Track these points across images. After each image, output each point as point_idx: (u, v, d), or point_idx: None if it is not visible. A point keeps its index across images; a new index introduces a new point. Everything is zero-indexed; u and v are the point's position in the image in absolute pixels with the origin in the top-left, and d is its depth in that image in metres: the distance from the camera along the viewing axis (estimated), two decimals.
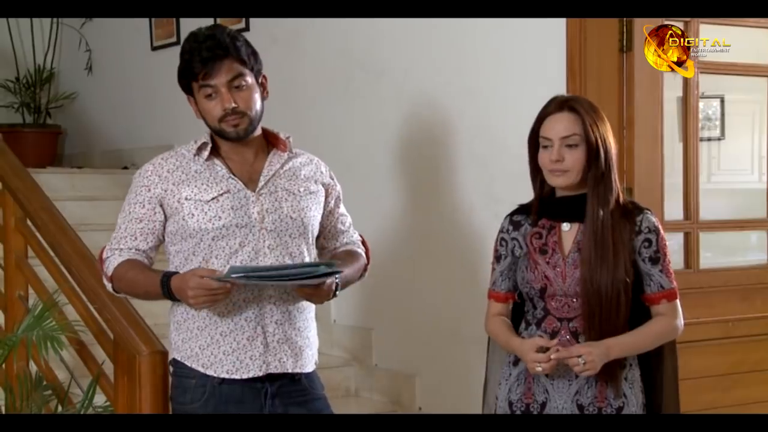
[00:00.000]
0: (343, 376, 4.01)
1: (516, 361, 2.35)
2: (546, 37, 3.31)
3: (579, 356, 2.17)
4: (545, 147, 2.29)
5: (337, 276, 2.27)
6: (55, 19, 5.65)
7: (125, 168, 5.18)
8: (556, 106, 2.31)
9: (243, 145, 2.37)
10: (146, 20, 5.19)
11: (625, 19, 3.21)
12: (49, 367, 3.14)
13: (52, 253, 3.17)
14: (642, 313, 2.32)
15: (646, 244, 2.30)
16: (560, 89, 3.26)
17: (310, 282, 2.21)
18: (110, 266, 2.36)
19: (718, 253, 3.83)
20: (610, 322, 2.23)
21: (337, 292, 2.30)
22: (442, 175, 3.70)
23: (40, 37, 5.68)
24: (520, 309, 2.41)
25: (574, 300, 2.28)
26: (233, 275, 2.14)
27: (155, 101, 5.13)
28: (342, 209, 2.55)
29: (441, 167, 3.70)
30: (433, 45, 3.76)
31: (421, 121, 3.83)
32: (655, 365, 2.37)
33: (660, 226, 2.34)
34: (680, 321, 2.35)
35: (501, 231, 2.42)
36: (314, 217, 2.41)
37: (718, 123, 4.44)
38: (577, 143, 2.25)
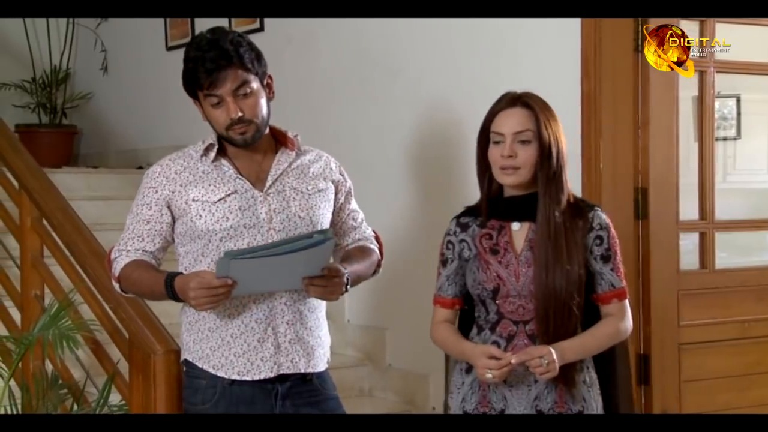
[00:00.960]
0: (356, 375, 4.01)
1: (469, 369, 2.26)
2: (561, 37, 3.31)
3: (540, 357, 2.10)
4: (497, 143, 2.21)
5: (347, 275, 2.24)
6: (70, 20, 5.68)
7: (140, 168, 5.19)
8: (508, 101, 2.24)
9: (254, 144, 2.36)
10: (161, 20, 5.21)
11: (639, 19, 3.19)
12: (64, 366, 3.16)
13: (67, 253, 3.18)
14: (592, 314, 2.26)
15: (598, 241, 2.24)
16: (575, 89, 3.25)
17: (304, 248, 2.11)
18: (117, 267, 2.36)
19: (733, 253, 3.82)
20: (564, 325, 2.17)
21: (348, 287, 2.29)
22: (456, 175, 3.69)
23: (56, 37, 5.70)
24: (468, 316, 2.34)
25: (529, 302, 2.21)
26: (231, 259, 2.08)
27: (170, 101, 5.14)
28: (353, 205, 2.53)
29: (455, 167, 3.69)
30: (448, 45, 3.76)
31: (435, 121, 3.82)
32: (611, 367, 2.31)
33: (611, 224, 2.28)
34: (629, 322, 2.28)
35: (447, 234, 2.34)
36: (323, 215, 2.40)
37: (734, 122, 4.42)
38: (529, 139, 2.19)
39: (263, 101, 2.32)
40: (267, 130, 2.38)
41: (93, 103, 5.87)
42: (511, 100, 2.24)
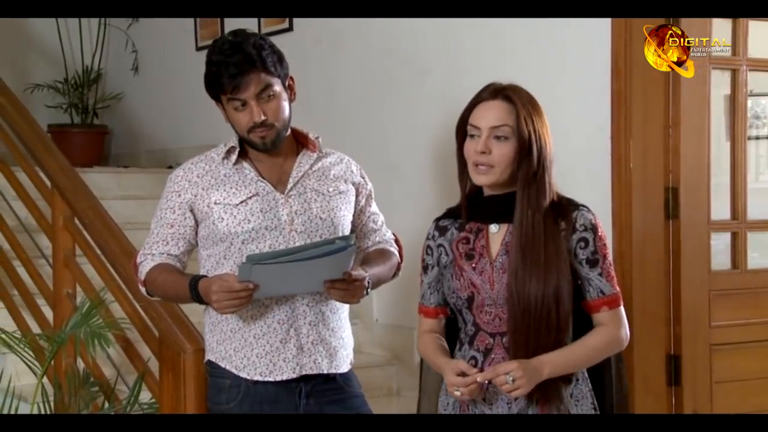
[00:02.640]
0: (384, 375, 4.01)
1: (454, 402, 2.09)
2: (591, 37, 3.29)
3: (506, 374, 1.92)
4: (472, 136, 2.05)
5: (368, 278, 2.24)
6: (102, 21, 5.72)
7: (170, 167, 5.22)
8: (489, 93, 2.06)
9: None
10: (191, 21, 5.24)
11: (671, 18, 3.17)
12: (96, 364, 3.19)
13: (99, 252, 3.21)
14: (588, 322, 2.07)
15: (582, 244, 2.03)
16: (605, 89, 3.23)
17: (326, 254, 2.10)
18: (143, 271, 2.37)
19: (765, 253, 3.77)
20: (540, 339, 1.98)
21: (369, 290, 2.28)
22: None
23: (88, 38, 5.75)
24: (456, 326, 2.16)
25: (505, 312, 2.03)
26: (254, 264, 2.08)
27: (199, 101, 5.13)
28: (374, 208, 2.53)
29: None
30: (477, 44, 3.74)
31: None
32: (605, 379, 2.12)
33: (599, 224, 2.07)
34: (625, 331, 2.08)
35: (427, 238, 2.17)
36: (344, 216, 2.40)
37: (766, 121, 4.37)
38: (507, 135, 2.01)
39: (285, 104, 2.32)
40: (288, 132, 2.38)
41: (124, 103, 5.92)
42: (492, 92, 2.06)
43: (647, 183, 3.22)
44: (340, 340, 2.40)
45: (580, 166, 3.29)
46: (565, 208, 2.06)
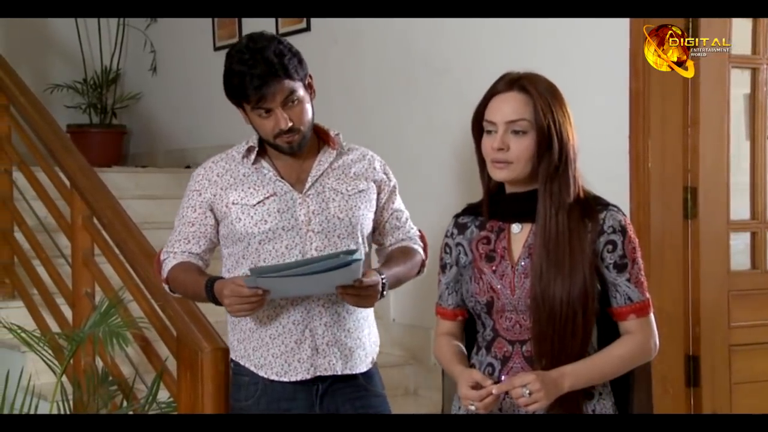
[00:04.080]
0: (402, 374, 4.01)
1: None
2: (609, 36, 3.27)
3: (523, 386, 1.80)
4: (489, 132, 1.93)
5: (383, 281, 2.22)
6: (121, 22, 5.75)
7: (188, 167, 5.24)
8: (505, 84, 1.93)
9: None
10: (209, 21, 5.26)
11: (690, 18, 3.15)
12: (114, 363, 3.20)
13: (117, 251, 3.23)
14: (614, 329, 1.96)
15: (610, 247, 1.91)
16: (623, 88, 3.22)
17: (330, 269, 2.09)
18: (165, 269, 2.38)
19: None
20: (565, 346, 1.86)
21: (384, 293, 2.26)
22: None
23: (107, 39, 5.78)
24: (474, 329, 2.06)
25: (526, 319, 1.91)
26: (257, 276, 2.10)
27: (217, 101, 5.14)
28: (397, 204, 2.49)
29: None
30: (494, 44, 3.74)
31: None
32: (628, 394, 1.99)
33: (629, 226, 1.94)
34: (654, 340, 1.96)
35: (445, 235, 2.06)
36: (363, 215, 2.38)
37: None
38: (525, 130, 1.89)
39: (309, 106, 2.31)
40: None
41: (142, 103, 5.94)
42: (508, 83, 1.93)
43: (666, 183, 3.20)
44: (357, 341, 2.38)
45: (599, 165, 3.26)
46: (592, 206, 1.93)
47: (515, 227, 1.97)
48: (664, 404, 3.16)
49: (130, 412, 2.99)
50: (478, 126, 1.97)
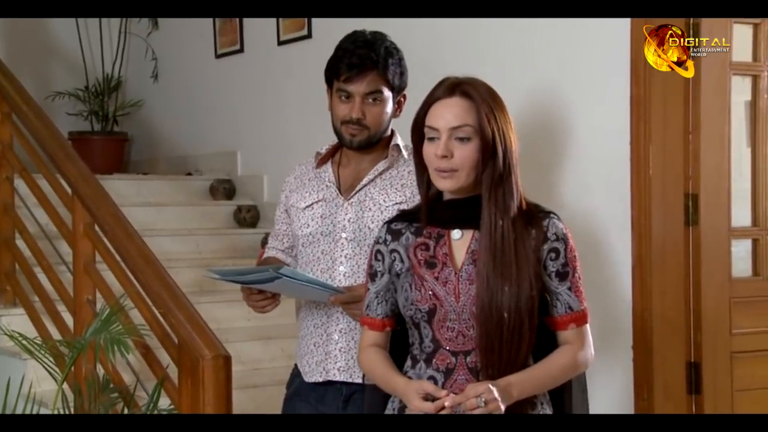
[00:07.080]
0: None
1: (402, 407, 1.91)
2: (610, 39, 3.27)
3: (478, 396, 1.76)
4: (431, 139, 1.89)
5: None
6: (122, 29, 5.77)
7: (189, 174, 5.24)
8: (446, 89, 1.90)
9: (361, 150, 2.38)
10: (211, 28, 5.26)
11: (691, 19, 3.15)
12: (115, 370, 3.20)
13: (118, 258, 3.22)
14: (547, 339, 1.94)
15: (553, 255, 1.89)
16: (624, 91, 3.22)
17: (262, 281, 2.20)
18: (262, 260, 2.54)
19: None
20: (512, 356, 1.83)
21: None
22: None
23: (109, 46, 5.79)
24: (402, 340, 2.01)
25: (470, 328, 1.87)
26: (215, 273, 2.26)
27: (219, 108, 5.19)
28: None
29: None
30: (495, 47, 3.74)
31: None
32: (567, 403, 1.99)
33: (569, 234, 1.93)
34: (591, 351, 1.95)
35: (377, 242, 2.01)
36: None
37: None
38: (469, 136, 1.86)
39: (388, 113, 2.35)
40: (381, 140, 2.38)
41: (144, 110, 5.95)
42: (449, 88, 1.90)
43: (667, 189, 3.20)
44: None
45: (599, 171, 3.27)
46: (534, 214, 1.92)
47: (456, 233, 1.94)
48: (665, 411, 3.15)
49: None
50: (419, 132, 1.94)
